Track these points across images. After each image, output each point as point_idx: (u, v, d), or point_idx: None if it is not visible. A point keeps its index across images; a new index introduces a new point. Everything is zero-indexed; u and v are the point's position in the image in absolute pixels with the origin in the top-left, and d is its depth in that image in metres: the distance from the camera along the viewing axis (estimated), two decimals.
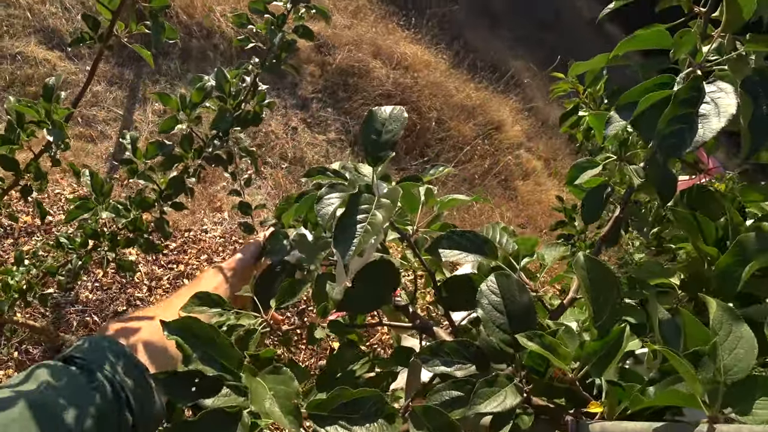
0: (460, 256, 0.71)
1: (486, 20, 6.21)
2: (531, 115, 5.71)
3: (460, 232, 0.72)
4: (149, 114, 3.51)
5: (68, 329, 1.87)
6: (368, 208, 0.59)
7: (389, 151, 0.69)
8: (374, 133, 0.69)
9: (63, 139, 0.77)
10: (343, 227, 0.56)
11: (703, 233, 0.70)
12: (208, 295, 0.74)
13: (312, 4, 1.00)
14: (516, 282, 0.59)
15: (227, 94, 1.08)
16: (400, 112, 0.71)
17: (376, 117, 0.71)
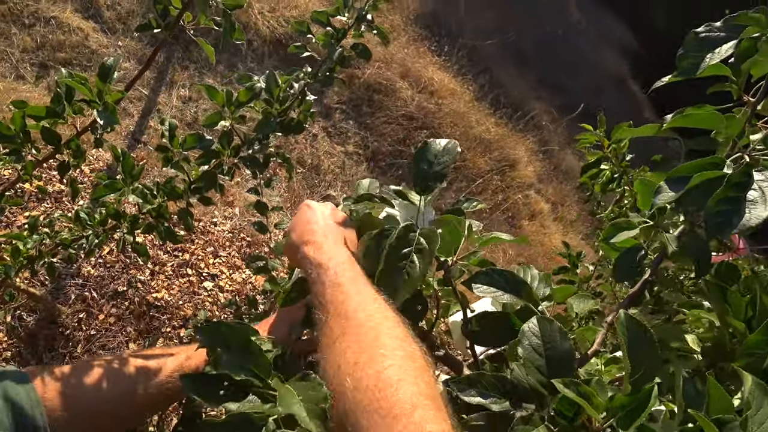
0: (496, 294, 0.73)
1: (514, 59, 6.28)
2: (545, 158, 5.75)
3: (499, 270, 0.74)
4: (174, 99, 3.52)
5: (65, 301, 1.85)
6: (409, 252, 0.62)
7: (438, 182, 0.71)
8: (425, 164, 0.71)
9: (113, 123, 0.77)
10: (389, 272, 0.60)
11: (732, 308, 0.71)
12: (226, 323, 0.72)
13: (375, 25, 1.01)
14: (558, 329, 0.61)
15: (275, 98, 1.08)
16: (454, 147, 0.73)
17: (430, 148, 0.73)
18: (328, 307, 0.56)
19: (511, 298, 0.72)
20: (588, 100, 6.77)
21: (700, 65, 0.71)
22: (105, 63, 0.81)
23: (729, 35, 0.66)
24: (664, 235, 0.82)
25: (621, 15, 10.39)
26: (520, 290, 0.72)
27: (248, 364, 0.51)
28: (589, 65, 8.28)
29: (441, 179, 0.68)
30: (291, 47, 1.09)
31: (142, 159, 2.70)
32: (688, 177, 0.65)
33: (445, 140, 0.71)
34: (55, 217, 1.30)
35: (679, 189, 0.65)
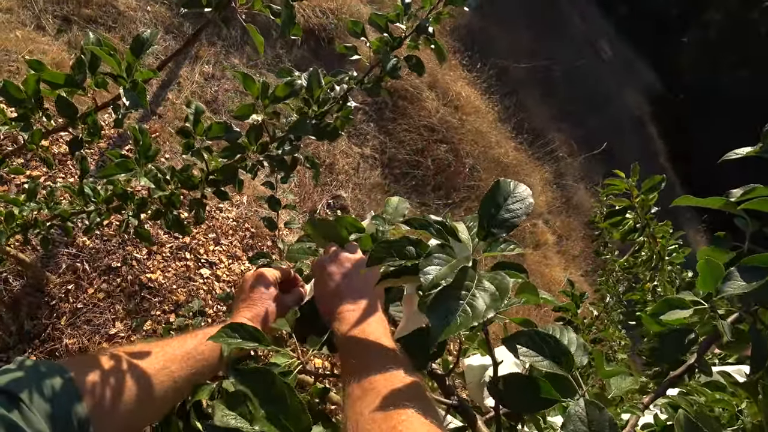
0: (536, 359, 0.67)
1: (542, 85, 6.22)
2: (558, 190, 5.69)
3: (543, 334, 0.68)
4: (196, 74, 3.44)
5: (55, 270, 1.76)
6: (470, 286, 0.55)
7: (504, 231, 0.63)
8: (494, 206, 0.64)
9: (140, 105, 0.68)
10: (444, 299, 0.53)
11: None
12: (243, 326, 0.66)
13: (434, 39, 0.93)
14: (609, 419, 0.54)
15: (315, 99, 1.00)
16: (527, 195, 0.65)
17: (500, 189, 0.66)
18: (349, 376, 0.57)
19: (551, 365, 0.66)
20: (607, 137, 6.72)
21: None
22: (141, 35, 0.72)
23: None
24: (720, 322, 0.76)
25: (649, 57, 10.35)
26: (561, 358, 0.66)
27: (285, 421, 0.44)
28: (611, 102, 8.24)
29: (508, 229, 0.60)
30: (340, 47, 1.01)
31: (155, 132, 2.62)
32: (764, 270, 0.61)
33: (519, 184, 0.63)
34: (57, 187, 1.22)
35: (753, 280, 0.61)
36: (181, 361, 0.64)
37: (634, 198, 2.10)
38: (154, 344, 0.65)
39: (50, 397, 0.49)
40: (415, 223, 0.68)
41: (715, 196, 0.83)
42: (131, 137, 0.96)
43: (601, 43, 9.10)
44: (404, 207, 0.98)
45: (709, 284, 0.75)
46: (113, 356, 0.59)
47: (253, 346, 0.63)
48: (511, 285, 0.55)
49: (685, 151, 9.43)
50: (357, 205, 3.35)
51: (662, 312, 0.79)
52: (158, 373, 0.61)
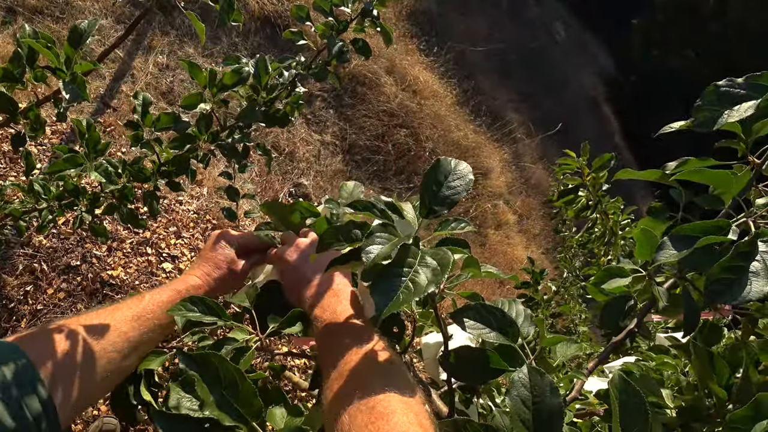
0: (483, 331, 0.69)
1: (499, 68, 6.32)
2: (517, 170, 5.81)
3: (489, 307, 0.71)
4: (150, 65, 3.36)
5: (12, 272, 1.72)
6: (413, 263, 0.56)
7: (446, 208, 0.65)
8: (435, 184, 0.65)
9: (80, 98, 0.69)
10: (386, 276, 0.54)
11: (716, 375, 0.72)
12: (202, 299, 0.68)
13: (380, 22, 0.95)
14: (549, 383, 0.57)
15: (263, 86, 1.02)
16: (467, 172, 0.67)
17: (441, 167, 0.67)
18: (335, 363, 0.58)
19: (497, 336, 0.69)
20: (564, 118, 6.89)
21: (718, 120, 0.69)
22: (78, 26, 0.73)
23: (750, 94, 0.64)
24: (656, 288, 0.81)
25: (601, 39, 10.61)
26: (508, 330, 0.69)
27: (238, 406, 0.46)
28: (567, 84, 8.43)
29: (449, 205, 0.62)
30: (286, 33, 1.03)
31: (110, 125, 2.56)
32: (693, 237, 0.64)
33: (459, 162, 0.65)
34: (6, 185, 1.20)
35: (683, 248, 0.64)
36: (132, 321, 0.64)
37: (585, 176, 2.18)
38: (103, 310, 0.65)
39: (9, 375, 0.49)
40: (358, 205, 0.70)
41: None
42: (75, 129, 0.96)
43: (556, 25, 9.28)
44: (359, 191, 1.00)
45: (645, 253, 0.79)
46: (63, 327, 0.58)
47: (212, 321, 0.65)
48: (452, 259, 0.56)
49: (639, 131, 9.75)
50: (319, 193, 3.36)
51: (604, 281, 0.82)
52: (111, 335, 0.61)
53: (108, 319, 0.63)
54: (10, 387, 0.49)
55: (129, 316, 0.64)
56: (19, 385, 0.50)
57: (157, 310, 0.67)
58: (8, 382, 0.49)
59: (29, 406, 0.50)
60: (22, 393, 0.49)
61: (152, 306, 0.67)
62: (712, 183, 0.68)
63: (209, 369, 0.47)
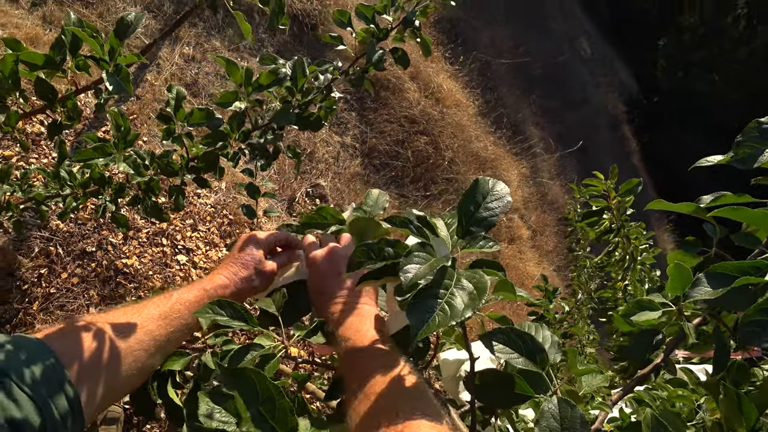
0: (512, 356, 0.68)
1: (523, 82, 6.28)
2: (534, 186, 5.77)
3: (519, 332, 0.69)
4: (176, 55, 3.37)
5: (28, 253, 1.72)
6: (449, 284, 0.56)
7: (483, 230, 0.64)
8: (473, 204, 0.65)
9: (124, 92, 0.67)
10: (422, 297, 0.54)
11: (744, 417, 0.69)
12: (231, 304, 0.66)
13: (420, 33, 0.93)
14: (580, 416, 0.56)
15: (298, 88, 1.00)
16: (505, 193, 0.67)
17: (479, 188, 0.67)
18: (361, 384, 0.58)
19: (526, 362, 0.67)
20: (583, 134, 6.84)
21: (759, 157, 0.68)
22: (126, 18, 0.71)
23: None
24: (687, 324, 0.79)
25: (626, 57, 10.53)
26: (537, 356, 0.68)
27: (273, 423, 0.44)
28: (589, 100, 8.37)
29: (486, 227, 0.61)
30: (325, 36, 1.01)
31: (133, 114, 2.57)
32: (730, 276, 0.63)
33: (498, 182, 0.64)
34: (31, 169, 1.19)
35: (719, 287, 0.64)
36: (158, 320, 0.64)
37: (611, 199, 2.15)
38: (130, 308, 0.65)
39: (38, 372, 0.49)
40: (396, 221, 0.69)
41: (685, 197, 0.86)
42: (110, 120, 0.94)
43: (582, 41, 9.22)
44: (384, 200, 0.98)
45: (677, 288, 0.77)
46: (90, 324, 0.58)
47: (240, 326, 0.64)
48: (489, 284, 0.55)
49: (657, 152, 9.65)
50: (336, 195, 3.34)
51: (633, 313, 0.81)
52: (138, 333, 0.61)
53: (135, 317, 0.62)
54: (39, 385, 0.48)
55: (156, 314, 0.64)
56: (48, 384, 0.49)
57: (184, 309, 0.66)
58: (37, 381, 0.48)
59: (57, 405, 0.49)
60: (51, 392, 0.49)
61: (179, 305, 0.66)
62: (749, 222, 0.66)
63: (247, 384, 0.46)
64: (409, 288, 0.55)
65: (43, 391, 0.48)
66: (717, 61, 10.61)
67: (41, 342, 0.53)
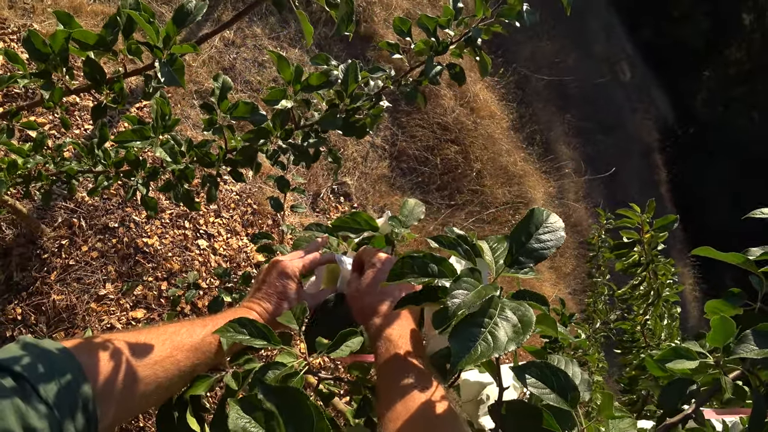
0: (543, 391, 0.67)
1: (559, 100, 6.18)
2: (559, 206, 5.67)
3: (553, 368, 0.68)
4: (216, 39, 3.37)
5: (51, 223, 1.71)
6: (493, 313, 0.55)
7: (533, 261, 0.62)
8: (525, 236, 0.64)
9: (176, 84, 0.64)
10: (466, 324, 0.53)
11: None
12: (252, 322, 0.64)
13: (481, 51, 0.89)
14: None
15: (348, 93, 0.96)
16: (559, 227, 0.65)
17: (534, 218, 0.66)
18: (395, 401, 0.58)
19: (557, 399, 0.66)
20: (614, 159, 6.71)
21: None
22: (185, 6, 0.68)
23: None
24: (724, 378, 0.77)
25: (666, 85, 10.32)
26: (568, 395, 0.66)
27: None
28: (624, 126, 8.22)
29: (537, 259, 0.60)
30: (382, 43, 0.97)
31: (168, 94, 2.56)
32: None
33: (550, 213, 0.63)
34: (67, 142, 1.17)
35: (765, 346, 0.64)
36: (188, 351, 0.62)
37: (643, 233, 2.09)
38: (163, 330, 0.63)
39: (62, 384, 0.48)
40: (444, 241, 0.67)
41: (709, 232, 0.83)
42: (153, 107, 0.92)
43: (622, 64, 9.06)
44: (420, 210, 0.95)
45: (719, 340, 0.76)
46: (120, 341, 0.57)
47: (262, 345, 0.61)
48: (534, 319, 0.54)
49: (686, 184, 9.45)
50: (360, 195, 3.31)
51: (669, 359, 0.80)
52: (164, 361, 0.60)
53: (167, 342, 0.61)
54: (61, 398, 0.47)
55: (188, 344, 0.63)
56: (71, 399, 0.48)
57: (214, 341, 0.65)
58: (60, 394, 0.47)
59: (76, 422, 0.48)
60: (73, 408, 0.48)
61: (210, 338, 0.65)
62: None
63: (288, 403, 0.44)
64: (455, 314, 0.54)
65: (65, 405, 0.47)
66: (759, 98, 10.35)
67: (70, 353, 0.51)
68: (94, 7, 2.78)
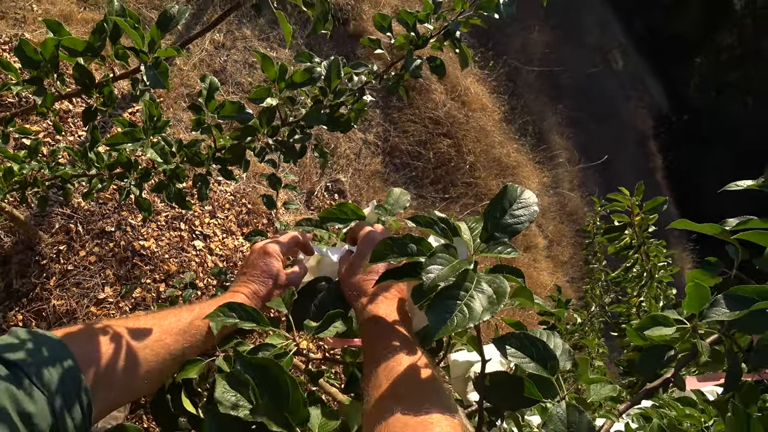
0: (523, 360, 0.69)
1: (551, 91, 6.20)
2: (554, 195, 5.70)
3: (532, 338, 0.71)
4: (206, 42, 3.39)
5: (48, 229, 1.74)
6: (469, 287, 0.57)
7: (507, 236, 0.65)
8: (499, 211, 0.66)
9: (161, 86, 0.67)
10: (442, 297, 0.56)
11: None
12: (241, 305, 0.66)
13: (461, 45, 0.92)
14: (588, 422, 0.59)
15: (332, 89, 0.99)
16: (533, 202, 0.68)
17: (507, 194, 0.67)
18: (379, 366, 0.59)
19: (537, 368, 0.69)
20: (608, 148, 6.73)
21: None
22: (168, 11, 0.71)
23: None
24: (700, 342, 0.80)
25: (659, 73, 10.34)
26: (548, 363, 0.69)
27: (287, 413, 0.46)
28: (617, 114, 8.24)
29: (511, 234, 0.63)
30: (364, 39, 1.00)
31: (160, 97, 2.58)
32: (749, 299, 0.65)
33: (526, 190, 0.65)
34: (60, 147, 1.20)
35: (737, 309, 0.66)
36: (177, 335, 0.64)
37: (634, 216, 2.12)
38: (151, 317, 0.65)
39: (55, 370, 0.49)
40: (421, 221, 0.70)
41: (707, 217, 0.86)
42: (143, 108, 0.94)
43: (614, 53, 9.08)
44: (405, 199, 0.98)
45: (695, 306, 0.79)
46: (109, 328, 0.59)
47: (251, 327, 0.63)
48: (508, 289, 0.57)
49: (682, 170, 9.48)
50: (355, 191, 3.34)
51: (647, 327, 0.82)
52: (154, 345, 0.61)
53: (156, 328, 0.63)
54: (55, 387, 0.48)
55: (175, 328, 0.64)
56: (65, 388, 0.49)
57: (203, 325, 0.67)
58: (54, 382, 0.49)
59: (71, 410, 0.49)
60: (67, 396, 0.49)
61: (198, 322, 0.67)
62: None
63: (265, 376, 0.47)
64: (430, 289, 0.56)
65: (58, 390, 0.48)
66: (752, 83, 10.37)
67: (62, 343, 0.53)
68: (85, 14, 2.80)
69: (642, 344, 0.90)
